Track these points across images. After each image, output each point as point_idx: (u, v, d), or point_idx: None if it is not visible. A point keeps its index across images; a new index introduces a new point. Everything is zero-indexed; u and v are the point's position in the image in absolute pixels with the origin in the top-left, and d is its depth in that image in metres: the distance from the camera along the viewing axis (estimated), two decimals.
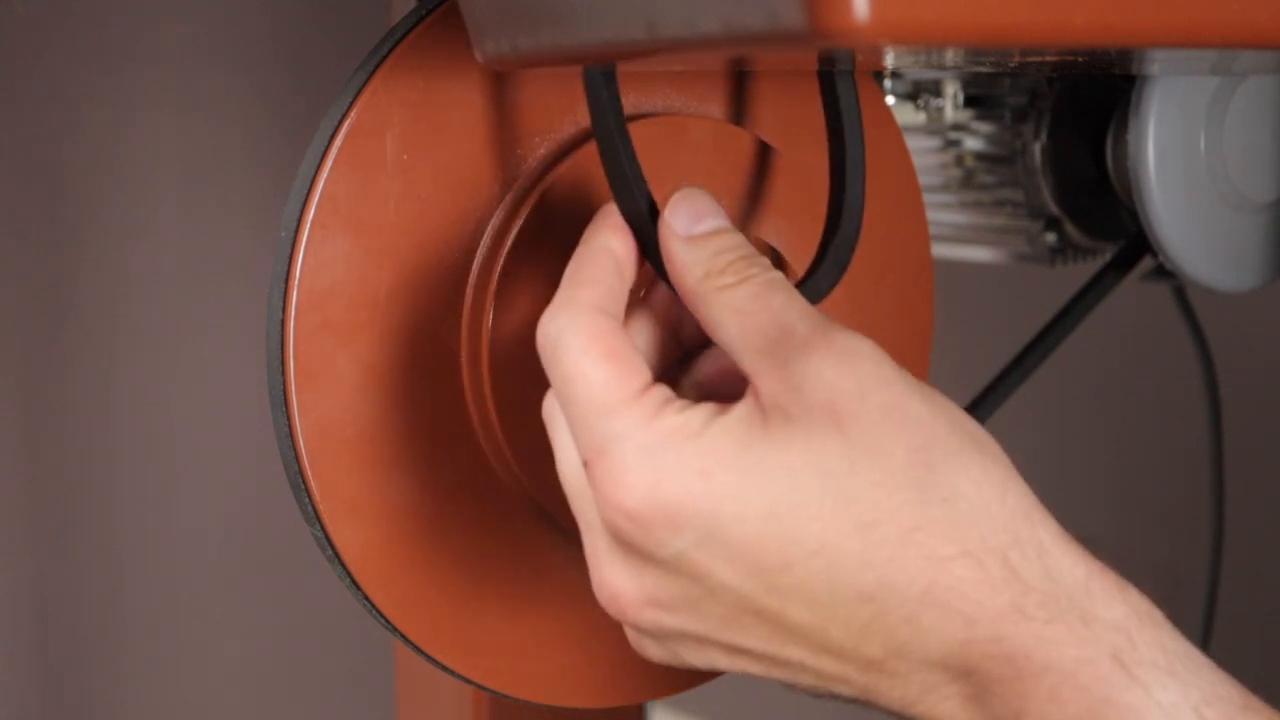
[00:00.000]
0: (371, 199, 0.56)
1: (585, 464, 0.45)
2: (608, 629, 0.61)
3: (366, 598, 0.58)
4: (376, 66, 0.56)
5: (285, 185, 0.57)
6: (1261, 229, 0.76)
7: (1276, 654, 1.14)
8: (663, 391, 0.45)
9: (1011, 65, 0.62)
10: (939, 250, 0.84)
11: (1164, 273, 0.77)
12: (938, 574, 0.43)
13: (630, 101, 0.61)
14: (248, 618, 1.57)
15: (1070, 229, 0.81)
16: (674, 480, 0.43)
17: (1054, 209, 0.80)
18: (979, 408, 0.75)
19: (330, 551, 0.58)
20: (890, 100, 0.84)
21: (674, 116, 0.61)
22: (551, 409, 0.48)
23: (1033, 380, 0.76)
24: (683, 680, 0.65)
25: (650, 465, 0.43)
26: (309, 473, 0.57)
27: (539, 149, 0.59)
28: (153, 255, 1.48)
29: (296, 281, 0.56)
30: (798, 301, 0.46)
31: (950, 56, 0.55)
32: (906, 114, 0.84)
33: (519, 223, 0.57)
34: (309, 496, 0.57)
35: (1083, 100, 0.78)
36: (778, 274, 0.47)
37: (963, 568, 0.43)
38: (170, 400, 1.51)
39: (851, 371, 0.44)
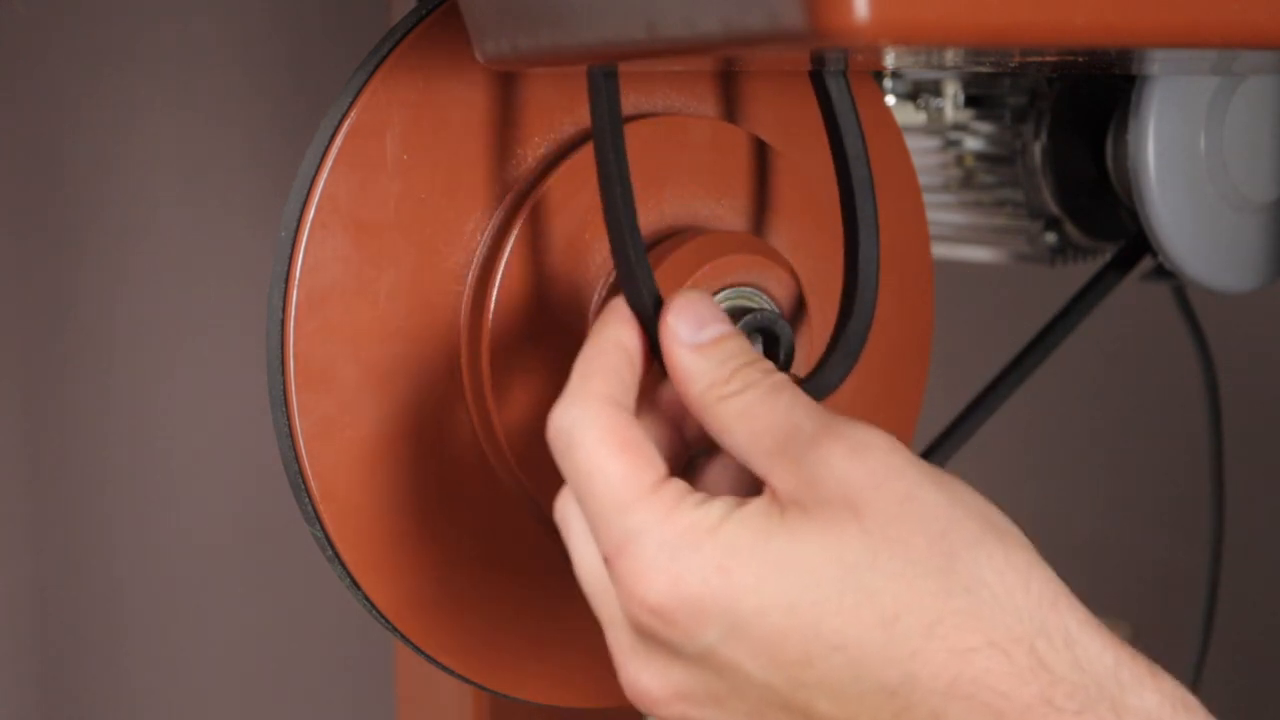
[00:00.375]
0: (371, 199, 0.56)
1: (606, 560, 0.45)
2: (535, 608, 0.61)
3: (366, 597, 0.58)
4: (376, 66, 0.56)
5: (285, 185, 0.57)
6: (1261, 229, 0.76)
7: (1277, 654, 1.15)
8: (678, 485, 0.45)
9: (1011, 65, 0.62)
10: (939, 250, 0.84)
11: (1164, 273, 0.77)
12: (963, 666, 0.42)
13: (630, 102, 0.61)
14: (247, 617, 1.56)
15: (1070, 229, 0.81)
16: (695, 576, 0.43)
17: (1054, 209, 0.80)
18: (979, 408, 0.75)
19: (330, 552, 0.58)
20: (890, 100, 0.84)
21: (673, 117, 0.61)
22: (566, 506, 0.48)
23: (1033, 380, 0.76)
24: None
25: (671, 561, 0.43)
26: (309, 473, 0.57)
27: (539, 149, 0.59)
28: (153, 255, 1.48)
29: (296, 281, 0.56)
30: (803, 400, 0.45)
31: (950, 57, 0.55)
32: (906, 114, 0.84)
33: (519, 223, 0.57)
34: (309, 496, 0.57)
35: (1083, 100, 0.78)
36: (781, 376, 0.47)
37: (988, 659, 0.42)
38: (170, 400, 1.51)
39: (865, 463, 0.43)
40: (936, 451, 0.74)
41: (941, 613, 0.42)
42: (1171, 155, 0.73)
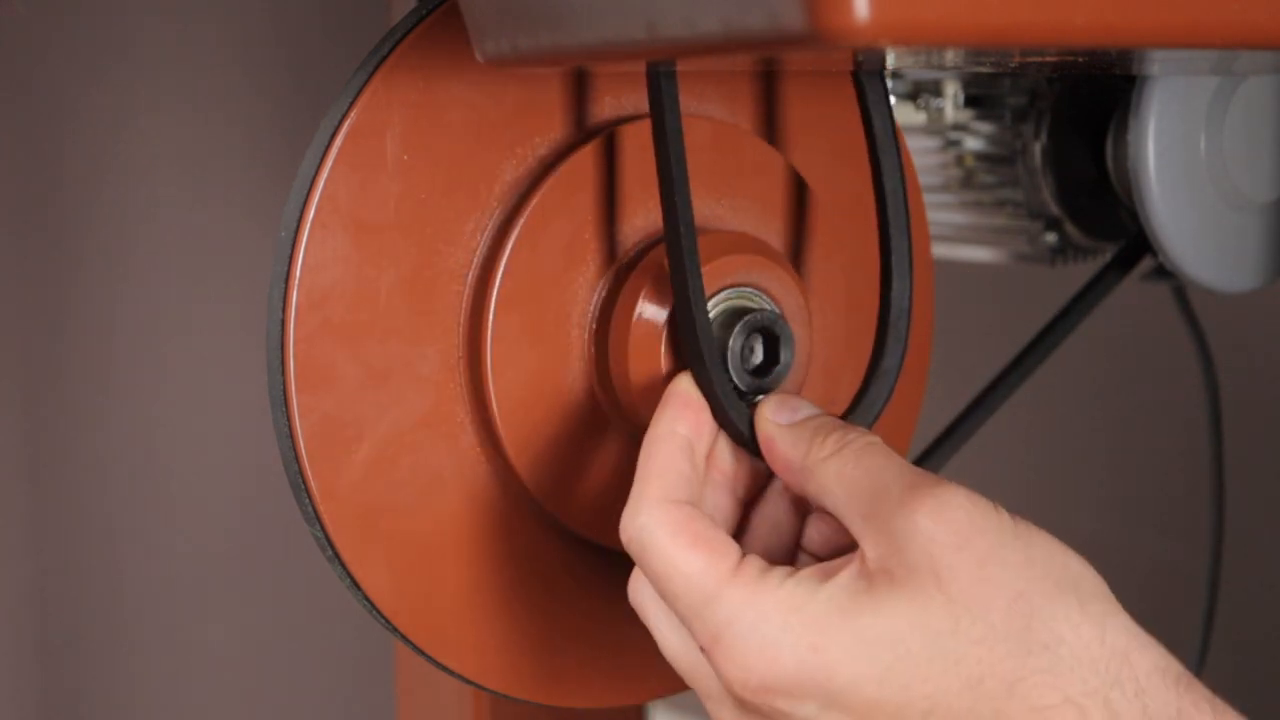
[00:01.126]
0: (371, 199, 0.56)
1: (703, 650, 0.48)
2: (608, 628, 0.61)
3: (366, 597, 0.58)
4: (377, 67, 0.56)
5: (285, 185, 0.57)
6: (1261, 229, 0.76)
7: (1277, 654, 1.15)
8: (755, 563, 0.48)
9: (1012, 65, 0.62)
10: (939, 250, 0.84)
11: (1164, 273, 0.77)
12: None
13: (632, 102, 0.61)
14: (248, 617, 1.56)
15: (1070, 229, 0.81)
16: (790, 656, 0.45)
17: (1054, 209, 0.80)
18: (979, 408, 0.75)
19: (330, 552, 0.58)
20: (890, 100, 0.84)
21: (703, 118, 0.61)
22: (640, 592, 0.52)
23: (1033, 380, 0.76)
24: (684, 680, 0.65)
25: (765, 646, 0.46)
26: (309, 473, 0.57)
27: (540, 149, 0.59)
28: (153, 255, 1.48)
29: (297, 281, 0.56)
30: (893, 460, 0.48)
31: (950, 57, 0.55)
32: (906, 114, 0.84)
33: (520, 223, 0.57)
34: (309, 497, 0.57)
35: (1083, 100, 0.78)
36: (873, 437, 0.50)
37: (1065, 714, 0.44)
38: (170, 400, 1.51)
39: (947, 524, 0.45)
40: (937, 451, 0.74)
41: (1021, 672, 0.44)
42: (1171, 155, 0.73)
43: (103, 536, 1.49)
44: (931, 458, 0.74)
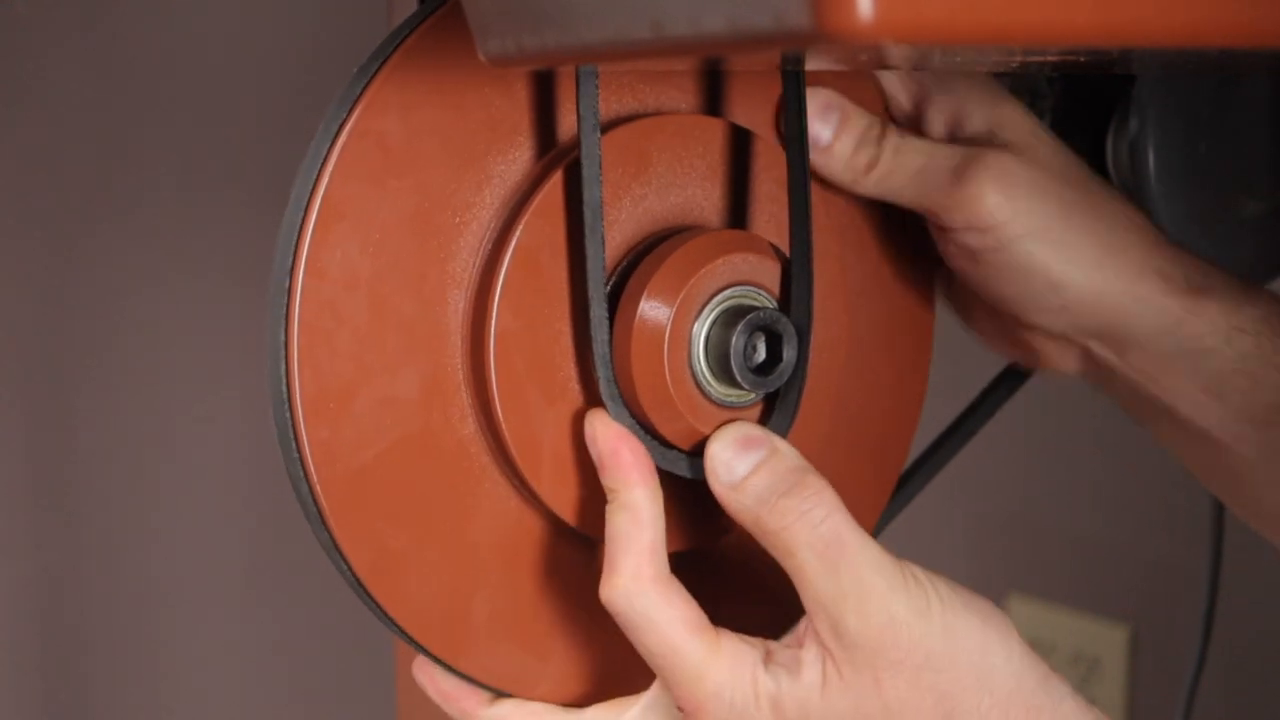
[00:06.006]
0: (373, 200, 0.56)
1: (685, 712, 0.56)
2: (610, 629, 0.61)
3: (370, 596, 0.58)
4: (378, 68, 0.56)
5: (286, 186, 0.57)
6: (1260, 230, 0.76)
7: (1277, 654, 1.15)
8: (733, 645, 0.56)
9: (1013, 65, 0.63)
10: None
11: None
12: None
13: (635, 101, 0.61)
14: (248, 616, 1.57)
15: None
16: None
17: None
18: (979, 408, 0.75)
19: (334, 553, 0.58)
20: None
21: (668, 116, 0.61)
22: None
23: (1033, 380, 0.76)
24: (610, 691, 0.65)
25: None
26: (312, 473, 0.57)
27: (542, 149, 0.59)
28: (154, 255, 1.48)
29: (299, 283, 0.56)
30: (848, 549, 0.54)
31: (952, 56, 0.55)
32: None
33: (522, 222, 0.57)
34: (312, 497, 0.57)
35: (1083, 100, 0.78)
36: (829, 500, 0.55)
37: None
38: (171, 399, 1.51)
39: (892, 639, 0.54)
40: (937, 453, 0.74)
41: None
42: (1171, 155, 0.73)
43: (104, 536, 1.49)
44: (932, 459, 0.74)
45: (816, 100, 0.63)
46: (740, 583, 0.63)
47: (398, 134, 0.56)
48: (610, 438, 0.57)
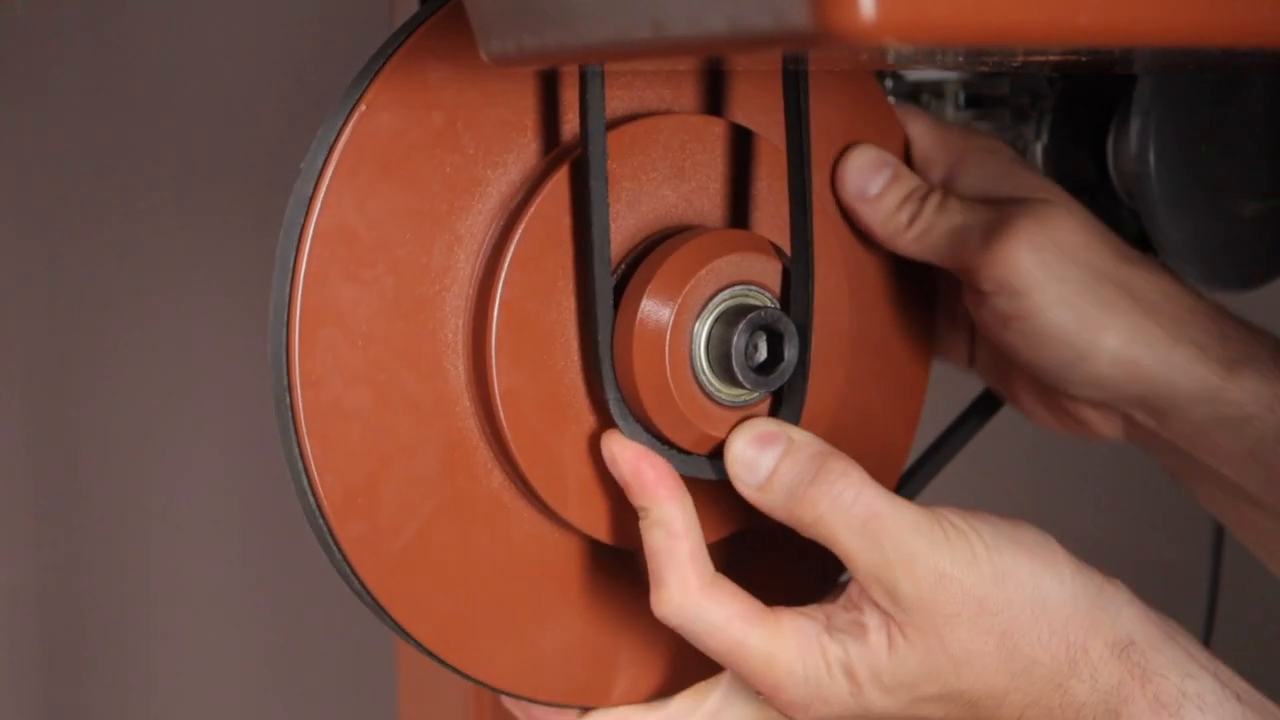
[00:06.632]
0: (351, 297, 0.56)
1: (764, 695, 0.58)
2: (612, 629, 0.61)
3: (448, 664, 0.59)
4: (379, 69, 0.56)
5: (287, 187, 0.57)
6: (1261, 229, 0.76)
7: (1277, 654, 1.15)
8: (793, 619, 0.57)
9: (1014, 65, 0.63)
10: None
11: None
12: (1023, 712, 0.58)
13: (641, 99, 0.61)
14: (249, 616, 1.56)
15: None
16: (836, 698, 0.57)
17: None
18: (979, 407, 0.75)
19: (336, 554, 0.58)
20: (891, 100, 0.84)
21: (668, 115, 0.61)
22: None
23: None
24: (685, 680, 0.65)
25: (816, 692, 0.57)
26: (358, 570, 0.57)
27: (545, 149, 0.59)
28: (154, 256, 1.48)
29: (300, 282, 0.56)
30: (887, 517, 0.56)
31: (954, 56, 0.55)
32: None
33: (523, 222, 0.57)
34: (314, 498, 0.57)
35: (1083, 100, 0.78)
36: (854, 473, 0.56)
37: (1037, 712, 0.57)
38: (172, 398, 1.50)
39: (945, 595, 0.56)
40: (937, 453, 0.74)
41: (1008, 689, 0.57)
42: (1171, 155, 0.73)
43: (104, 536, 1.49)
44: (933, 459, 0.74)
45: (869, 155, 0.65)
46: (769, 554, 0.64)
47: (359, 224, 0.56)
48: (630, 459, 0.58)
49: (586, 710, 0.64)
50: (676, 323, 0.57)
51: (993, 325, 0.65)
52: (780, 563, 0.63)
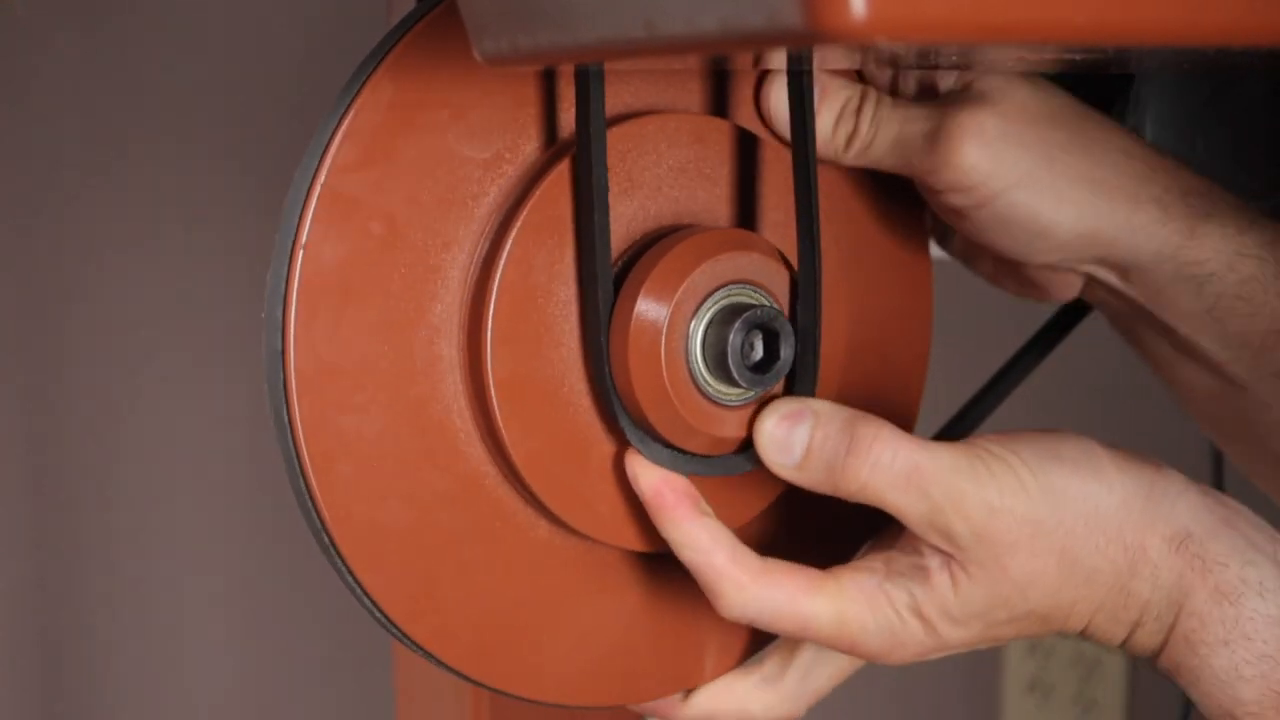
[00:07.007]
0: (371, 201, 0.56)
1: (843, 652, 0.60)
2: (610, 629, 0.61)
3: (367, 594, 0.58)
4: (375, 67, 0.56)
5: (285, 185, 0.57)
6: None
7: None
8: (856, 578, 0.58)
9: (1011, 64, 0.62)
10: (939, 250, 0.84)
11: None
12: (1087, 624, 0.60)
13: (623, 101, 0.61)
14: (247, 616, 1.57)
15: None
16: (913, 643, 0.59)
17: None
18: (978, 407, 0.75)
19: (335, 556, 0.58)
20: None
21: (665, 114, 0.61)
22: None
23: (1032, 380, 0.76)
24: (685, 680, 0.65)
25: (892, 638, 0.59)
26: (312, 476, 0.57)
27: (541, 147, 0.59)
28: (153, 255, 1.48)
29: (297, 282, 0.56)
30: (927, 465, 0.56)
31: (948, 55, 0.55)
32: None
33: (519, 221, 0.57)
34: (312, 499, 0.57)
35: (1082, 100, 0.78)
36: (885, 431, 0.57)
37: (1099, 619, 0.59)
38: (171, 398, 1.51)
39: (1000, 526, 0.57)
40: (1001, 381, 0.75)
41: (1074, 600, 0.58)
42: (1171, 155, 0.73)
43: (103, 536, 1.49)
44: (1002, 382, 0.75)
45: None
46: (804, 511, 0.64)
47: (396, 133, 0.56)
48: (652, 484, 0.59)
49: (689, 694, 0.65)
50: (672, 320, 0.57)
51: (950, 217, 0.65)
52: (817, 514, 0.63)
